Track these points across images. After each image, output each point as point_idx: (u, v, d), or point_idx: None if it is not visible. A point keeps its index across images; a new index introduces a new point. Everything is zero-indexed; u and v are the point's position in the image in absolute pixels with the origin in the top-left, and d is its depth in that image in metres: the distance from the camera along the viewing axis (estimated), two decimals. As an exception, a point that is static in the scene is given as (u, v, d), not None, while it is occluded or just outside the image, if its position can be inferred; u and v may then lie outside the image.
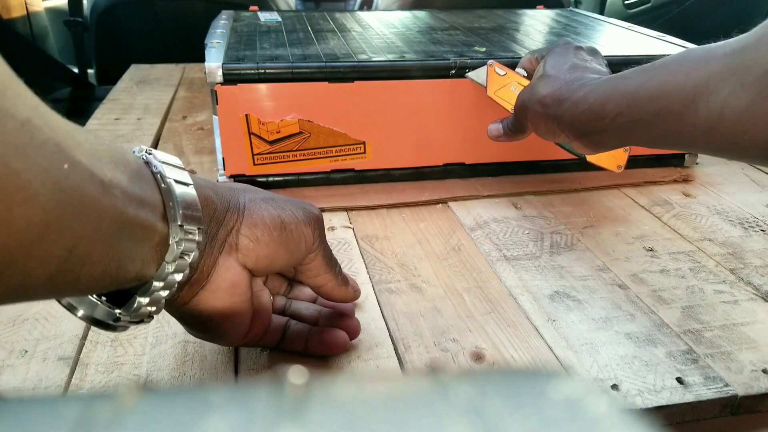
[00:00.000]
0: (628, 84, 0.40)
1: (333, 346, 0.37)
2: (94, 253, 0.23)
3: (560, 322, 0.43)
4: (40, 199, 0.20)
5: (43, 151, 0.20)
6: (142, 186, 0.26)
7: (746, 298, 0.46)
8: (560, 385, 0.12)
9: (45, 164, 0.20)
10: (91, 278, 0.24)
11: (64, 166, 0.21)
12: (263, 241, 0.32)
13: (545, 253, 0.52)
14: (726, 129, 0.34)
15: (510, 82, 0.56)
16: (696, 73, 0.36)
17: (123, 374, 0.38)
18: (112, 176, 0.24)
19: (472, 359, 0.40)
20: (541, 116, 0.47)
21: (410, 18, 0.85)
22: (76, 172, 0.22)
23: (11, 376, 0.37)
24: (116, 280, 0.25)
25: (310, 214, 0.35)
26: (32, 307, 0.43)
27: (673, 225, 0.57)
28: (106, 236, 0.23)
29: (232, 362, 0.39)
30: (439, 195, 0.61)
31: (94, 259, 0.23)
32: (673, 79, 0.37)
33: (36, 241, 0.20)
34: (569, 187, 0.63)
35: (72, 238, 0.22)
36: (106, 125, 0.78)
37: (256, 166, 0.59)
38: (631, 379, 0.38)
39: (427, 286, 0.47)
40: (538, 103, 0.47)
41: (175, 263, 0.28)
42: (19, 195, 0.19)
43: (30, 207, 0.20)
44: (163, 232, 0.27)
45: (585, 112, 0.43)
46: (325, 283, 0.36)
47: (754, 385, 0.38)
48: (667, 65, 0.38)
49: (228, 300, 0.31)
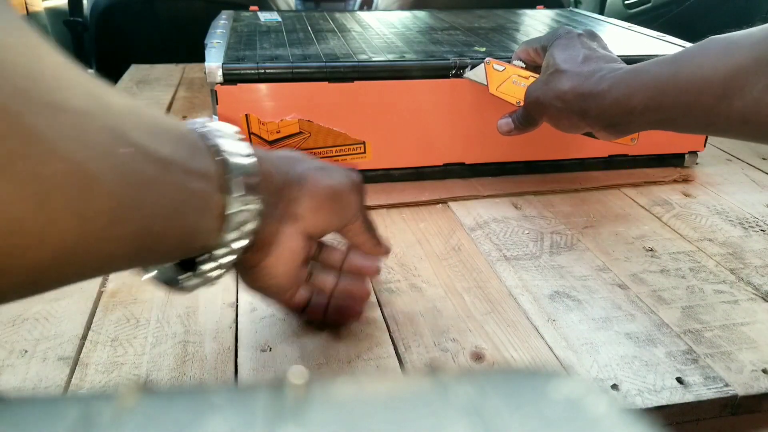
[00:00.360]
0: (654, 77, 0.40)
1: (348, 316, 0.42)
2: (163, 230, 0.24)
3: (560, 322, 0.43)
4: (104, 187, 0.20)
5: (101, 138, 0.20)
6: (201, 160, 0.26)
7: (746, 298, 0.46)
8: (560, 385, 0.12)
9: (104, 151, 0.20)
10: (161, 252, 0.25)
11: (123, 150, 0.21)
12: (320, 210, 0.35)
13: (545, 253, 0.52)
14: (763, 120, 0.34)
15: (510, 76, 0.55)
16: (723, 65, 0.36)
17: (123, 374, 0.38)
18: (171, 153, 0.24)
19: (472, 359, 0.40)
20: (563, 111, 0.47)
21: (410, 18, 0.85)
22: (135, 155, 0.22)
23: (11, 376, 0.37)
24: (184, 251, 0.27)
25: (355, 180, 0.38)
26: (32, 307, 0.43)
27: (673, 225, 0.57)
28: (172, 212, 0.24)
29: (232, 362, 0.39)
30: (439, 195, 0.61)
31: (163, 236, 0.24)
32: (700, 72, 0.37)
33: (107, 227, 0.21)
34: (569, 187, 0.63)
35: (141, 219, 0.22)
36: (106, 125, 0.78)
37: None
38: (631, 379, 0.38)
39: (427, 286, 0.47)
40: (557, 99, 0.47)
41: (237, 232, 0.28)
42: (84, 185, 0.20)
43: (96, 195, 0.20)
44: (222, 204, 0.27)
45: (612, 106, 0.43)
46: (364, 242, 0.40)
47: (754, 385, 0.38)
48: (693, 57, 0.38)
49: (289, 265, 0.34)
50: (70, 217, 0.19)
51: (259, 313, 0.43)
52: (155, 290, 0.46)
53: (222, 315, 0.43)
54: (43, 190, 0.18)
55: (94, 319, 0.42)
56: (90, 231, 0.20)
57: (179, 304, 0.44)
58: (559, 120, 0.49)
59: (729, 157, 0.73)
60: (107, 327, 0.42)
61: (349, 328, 0.42)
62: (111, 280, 0.47)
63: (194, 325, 0.42)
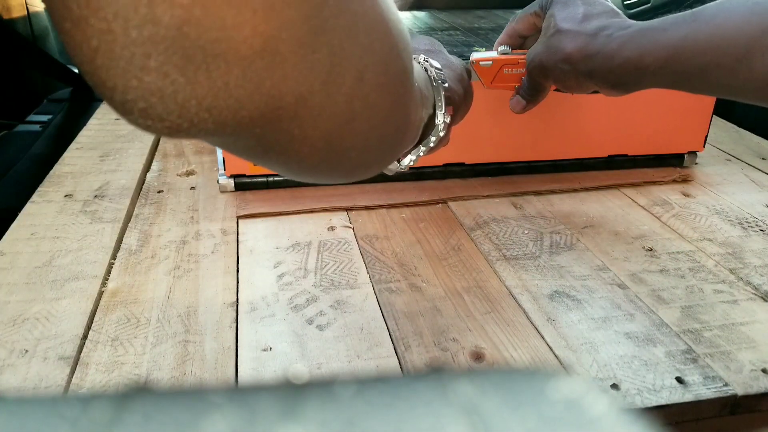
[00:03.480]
0: (670, 36, 0.39)
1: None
2: (417, 117, 0.34)
3: (560, 321, 0.43)
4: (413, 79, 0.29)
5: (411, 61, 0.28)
6: (427, 85, 0.38)
7: (745, 298, 0.46)
8: (560, 385, 0.13)
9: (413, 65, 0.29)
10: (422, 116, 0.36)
11: (420, 68, 0.37)
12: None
13: (545, 253, 0.52)
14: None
15: (500, 67, 0.55)
16: (748, 27, 0.35)
17: (123, 374, 0.38)
18: (419, 78, 0.35)
19: (472, 359, 0.40)
20: (569, 73, 0.46)
21: (410, 18, 0.85)
22: (421, 74, 0.36)
23: (11, 376, 0.37)
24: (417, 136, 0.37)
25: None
26: (33, 306, 0.43)
27: (672, 225, 0.57)
28: (419, 107, 0.34)
29: (232, 362, 0.39)
30: (439, 195, 0.61)
31: (418, 122, 0.35)
32: (721, 33, 0.36)
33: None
34: (569, 187, 0.63)
35: (414, 110, 0.31)
36: (107, 125, 0.78)
37: (257, 166, 0.59)
38: (630, 379, 0.38)
39: (427, 285, 0.47)
40: (562, 62, 0.46)
41: (438, 127, 0.40)
42: (408, 80, 0.27)
43: (410, 89, 0.28)
44: (430, 112, 0.39)
45: (621, 66, 0.42)
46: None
47: (753, 385, 0.38)
48: (713, 16, 0.37)
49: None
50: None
51: (259, 313, 0.44)
52: (155, 290, 0.46)
53: (222, 315, 0.43)
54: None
55: (95, 319, 0.42)
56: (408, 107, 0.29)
57: (179, 304, 0.44)
58: (565, 81, 0.48)
59: (728, 157, 0.73)
60: (108, 327, 0.42)
61: (349, 328, 0.42)
62: (111, 280, 0.47)
63: (195, 324, 0.42)
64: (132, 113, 0.18)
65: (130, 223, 0.55)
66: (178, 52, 0.16)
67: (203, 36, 0.16)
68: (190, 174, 0.65)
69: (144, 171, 0.65)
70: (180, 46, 0.16)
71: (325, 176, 0.27)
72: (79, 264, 0.48)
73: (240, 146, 0.23)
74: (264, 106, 0.19)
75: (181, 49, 0.16)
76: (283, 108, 0.20)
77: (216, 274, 0.48)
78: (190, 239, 0.52)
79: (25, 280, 0.46)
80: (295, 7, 0.18)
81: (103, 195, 0.59)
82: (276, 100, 0.19)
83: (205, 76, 0.17)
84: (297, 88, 0.20)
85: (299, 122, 0.21)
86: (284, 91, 0.19)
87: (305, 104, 0.20)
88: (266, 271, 0.49)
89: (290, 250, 0.51)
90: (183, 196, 0.60)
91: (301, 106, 0.20)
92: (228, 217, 0.56)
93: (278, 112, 0.20)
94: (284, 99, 0.19)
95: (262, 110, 0.19)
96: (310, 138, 0.22)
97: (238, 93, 0.18)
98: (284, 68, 0.19)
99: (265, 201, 0.59)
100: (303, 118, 0.21)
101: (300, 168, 0.26)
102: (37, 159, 0.96)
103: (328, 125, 0.22)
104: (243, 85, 0.18)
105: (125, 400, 0.12)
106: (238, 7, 0.16)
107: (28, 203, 0.57)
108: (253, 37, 0.17)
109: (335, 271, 0.49)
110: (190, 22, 0.16)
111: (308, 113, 0.21)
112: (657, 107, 0.65)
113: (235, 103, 0.18)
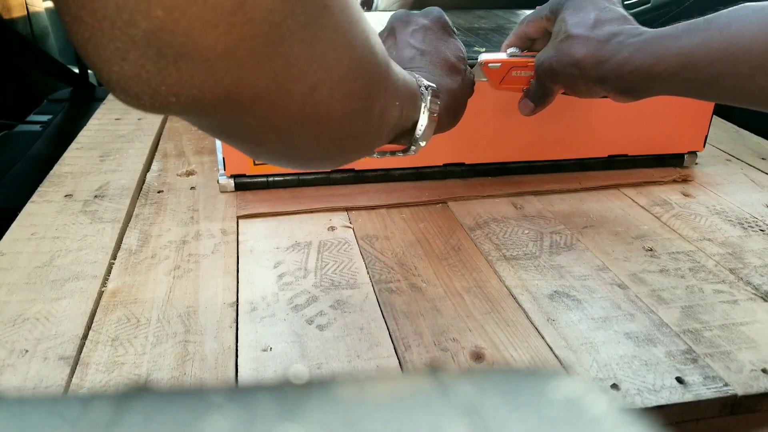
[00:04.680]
0: (683, 44, 0.39)
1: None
2: (401, 114, 0.36)
3: (560, 321, 0.43)
4: (397, 82, 0.33)
5: (394, 69, 0.33)
6: (414, 91, 0.39)
7: (746, 298, 0.46)
8: (560, 385, 0.13)
9: (390, 73, 0.32)
10: (400, 125, 0.38)
11: (404, 80, 0.36)
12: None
13: (545, 253, 0.52)
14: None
15: (509, 69, 0.55)
16: (764, 35, 0.34)
17: (123, 374, 0.38)
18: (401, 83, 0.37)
19: (472, 359, 0.40)
20: (579, 78, 0.46)
21: (410, 18, 0.85)
22: (407, 78, 0.37)
23: (11, 376, 0.37)
24: (402, 131, 0.39)
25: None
26: (33, 306, 0.43)
27: (672, 225, 0.57)
28: (403, 104, 0.36)
29: (233, 362, 0.39)
30: (439, 195, 0.61)
31: (395, 119, 0.36)
32: (737, 42, 0.36)
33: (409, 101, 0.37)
34: (569, 187, 0.63)
35: (399, 106, 0.34)
36: (107, 125, 0.78)
37: (257, 166, 0.59)
38: (630, 379, 0.38)
39: (427, 285, 0.47)
40: (572, 66, 0.46)
41: (426, 125, 0.40)
42: (390, 79, 0.32)
43: (371, 100, 0.30)
44: (419, 114, 0.40)
45: (633, 73, 0.42)
46: None
47: (753, 385, 0.38)
48: (728, 25, 0.37)
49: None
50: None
51: (259, 313, 0.44)
52: (155, 290, 0.46)
53: (222, 315, 0.43)
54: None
55: (95, 319, 0.42)
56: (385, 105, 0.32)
57: (179, 304, 0.44)
58: (575, 86, 0.47)
59: (728, 157, 0.73)
60: (108, 327, 0.42)
61: (349, 328, 0.42)
62: (111, 280, 0.47)
63: (195, 324, 0.42)
64: (115, 91, 0.22)
65: (130, 223, 0.55)
66: (152, 50, 0.20)
67: (174, 40, 0.20)
68: (190, 174, 0.65)
69: (144, 171, 0.65)
70: (154, 45, 0.20)
71: (285, 163, 0.32)
72: (79, 264, 0.48)
73: (205, 126, 0.27)
74: (224, 98, 0.22)
75: (155, 47, 0.20)
76: (240, 102, 0.23)
77: (216, 274, 0.48)
78: (190, 239, 0.52)
79: (25, 280, 0.46)
80: (254, 24, 0.21)
81: (103, 195, 0.59)
82: (234, 95, 0.22)
83: (174, 69, 0.21)
84: (252, 89, 0.23)
85: (254, 116, 0.24)
86: (241, 89, 0.22)
87: (260, 102, 0.23)
88: (266, 271, 0.49)
89: (290, 250, 0.51)
90: (183, 196, 0.60)
91: (255, 103, 0.23)
92: (228, 217, 0.56)
93: (236, 104, 0.23)
94: (241, 95, 0.23)
95: (221, 101, 0.23)
96: (264, 130, 0.26)
97: (201, 85, 0.22)
98: (242, 71, 0.22)
99: (265, 201, 0.59)
100: (257, 113, 0.24)
101: (259, 153, 0.30)
102: (37, 159, 0.96)
103: (280, 123, 0.25)
104: (206, 79, 0.21)
105: (125, 400, 0.12)
106: (204, 21, 0.20)
107: (28, 203, 0.57)
108: (215, 45, 0.20)
109: (335, 271, 0.49)
110: (164, 29, 0.19)
111: (261, 110, 0.24)
112: (657, 107, 0.65)
113: (198, 92, 0.22)
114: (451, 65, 0.44)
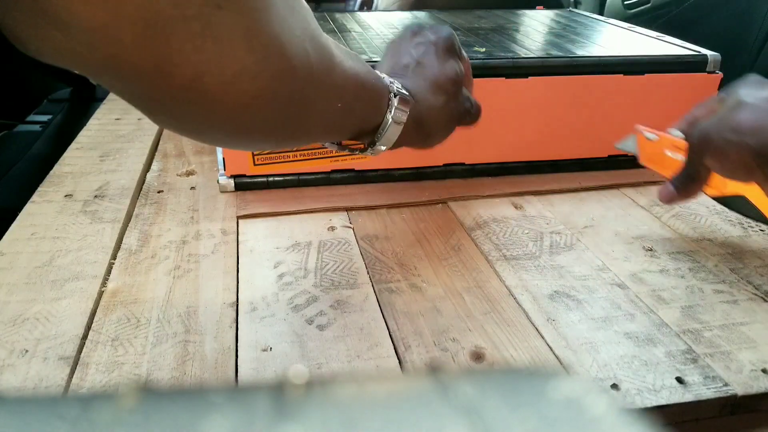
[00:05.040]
0: None
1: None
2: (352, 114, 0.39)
3: (560, 321, 0.43)
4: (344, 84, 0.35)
5: (361, 66, 0.37)
6: (378, 94, 0.40)
7: (746, 298, 0.46)
8: (560, 385, 0.13)
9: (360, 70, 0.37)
10: (351, 125, 0.40)
11: (362, 83, 0.38)
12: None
13: (545, 253, 0.52)
14: None
15: (664, 146, 0.51)
16: None
17: (123, 374, 0.38)
18: (376, 80, 0.40)
19: (472, 359, 0.40)
20: (734, 145, 0.42)
21: (410, 18, 0.85)
22: (371, 82, 0.39)
23: (11, 376, 0.37)
24: (362, 130, 0.41)
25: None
26: (33, 306, 0.43)
27: (672, 225, 0.57)
28: (354, 106, 0.38)
29: (233, 362, 0.39)
30: (439, 195, 0.61)
31: (339, 118, 0.38)
32: None
33: (364, 96, 0.38)
34: (569, 187, 0.63)
35: (344, 107, 0.36)
36: (107, 125, 0.78)
37: (257, 166, 0.59)
38: (630, 379, 0.38)
39: (427, 285, 0.47)
40: (732, 131, 0.43)
41: (388, 129, 0.42)
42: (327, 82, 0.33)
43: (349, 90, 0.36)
44: (381, 118, 0.41)
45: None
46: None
47: (753, 385, 0.38)
48: None
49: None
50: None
51: (259, 313, 0.44)
52: (155, 290, 0.46)
53: (222, 315, 0.43)
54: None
55: (95, 319, 0.42)
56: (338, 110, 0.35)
57: (180, 304, 0.44)
58: (727, 155, 0.43)
59: (729, 157, 0.73)
60: (108, 327, 0.42)
61: (349, 328, 0.42)
62: (111, 280, 0.47)
63: (195, 324, 0.42)
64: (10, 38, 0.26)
65: (130, 223, 0.55)
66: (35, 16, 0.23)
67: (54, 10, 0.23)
68: (190, 174, 0.65)
69: (144, 171, 0.65)
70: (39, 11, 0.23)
71: (202, 138, 0.34)
72: (79, 264, 0.48)
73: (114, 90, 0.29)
74: (103, 66, 0.26)
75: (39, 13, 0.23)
76: (122, 72, 0.26)
77: (216, 274, 0.48)
78: (190, 239, 0.52)
79: (25, 280, 0.46)
80: (131, 6, 0.23)
81: (103, 195, 0.59)
82: (114, 67, 0.25)
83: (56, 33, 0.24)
84: (131, 64, 0.25)
85: (139, 87, 0.27)
86: (120, 62, 0.25)
87: (141, 77, 0.26)
88: (266, 271, 0.49)
89: (290, 250, 0.51)
90: (183, 196, 0.60)
91: (137, 76, 0.26)
92: (228, 217, 0.56)
93: (118, 74, 0.26)
94: (121, 67, 0.25)
95: (102, 68, 0.26)
96: (151, 102, 0.28)
97: (81, 50, 0.24)
98: (120, 46, 0.24)
99: (265, 201, 0.59)
100: (140, 86, 0.26)
101: (159, 123, 0.33)
102: (37, 159, 0.96)
103: (165, 100, 0.27)
104: (84, 49, 0.24)
105: (125, 400, 0.12)
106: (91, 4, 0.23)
107: (28, 203, 0.57)
108: (92, 18, 0.23)
109: (335, 271, 0.49)
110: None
111: (143, 85, 0.26)
112: (657, 107, 0.65)
113: (78, 57, 0.25)
114: (439, 84, 0.44)
